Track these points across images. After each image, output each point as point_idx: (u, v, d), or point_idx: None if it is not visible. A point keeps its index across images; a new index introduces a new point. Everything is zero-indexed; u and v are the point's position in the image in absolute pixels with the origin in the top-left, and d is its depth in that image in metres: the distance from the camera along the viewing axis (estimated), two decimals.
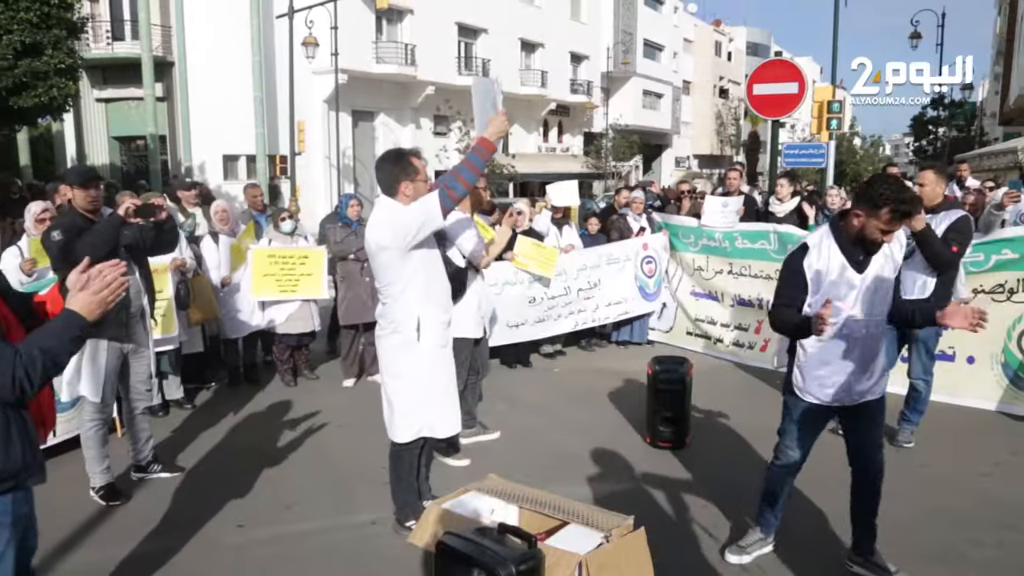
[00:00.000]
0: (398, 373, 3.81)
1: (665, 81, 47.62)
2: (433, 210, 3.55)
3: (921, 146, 38.60)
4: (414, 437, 3.86)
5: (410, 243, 3.60)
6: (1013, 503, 4.32)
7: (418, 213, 3.57)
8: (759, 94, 9.62)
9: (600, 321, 7.94)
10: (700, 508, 4.26)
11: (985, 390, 6.05)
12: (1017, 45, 26.02)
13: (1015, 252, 5.84)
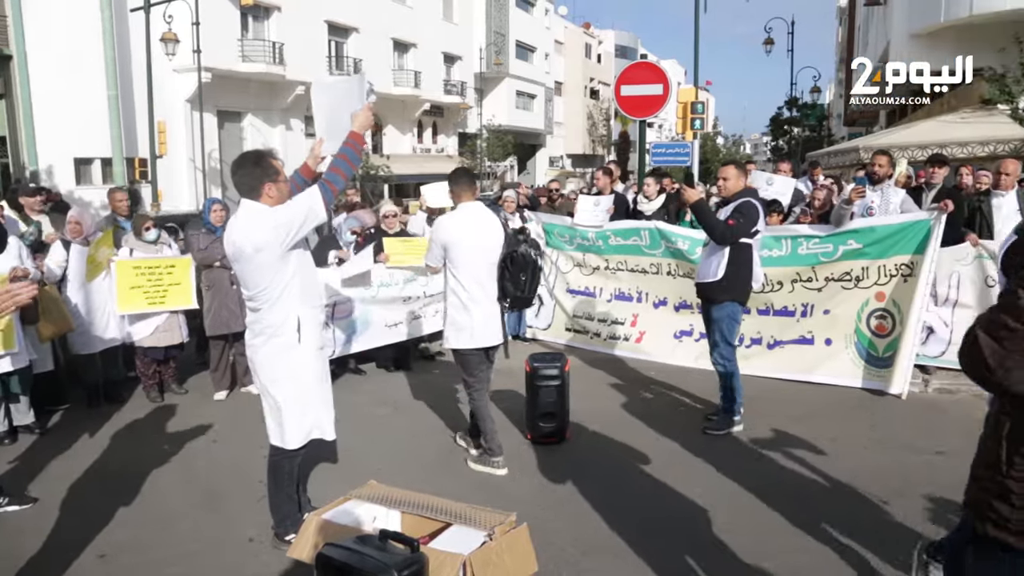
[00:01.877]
0: (280, 378, 3.68)
1: (537, 82, 48.47)
2: (316, 204, 3.53)
3: (777, 144, 41.04)
4: (306, 440, 3.77)
5: (292, 241, 3.52)
6: (880, 472, 4.66)
7: (301, 208, 3.52)
8: (627, 95, 9.94)
9: None
10: (580, 501, 4.36)
11: (844, 369, 6.53)
12: (856, 53, 28.13)
13: (859, 242, 6.34)
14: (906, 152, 10.85)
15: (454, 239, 4.63)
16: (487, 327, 4.71)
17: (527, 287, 4.68)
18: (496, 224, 4.79)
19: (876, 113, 29.62)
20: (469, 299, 4.66)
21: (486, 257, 4.66)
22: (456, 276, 4.69)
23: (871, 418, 5.79)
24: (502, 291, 4.69)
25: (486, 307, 4.68)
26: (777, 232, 6.71)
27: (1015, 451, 1.78)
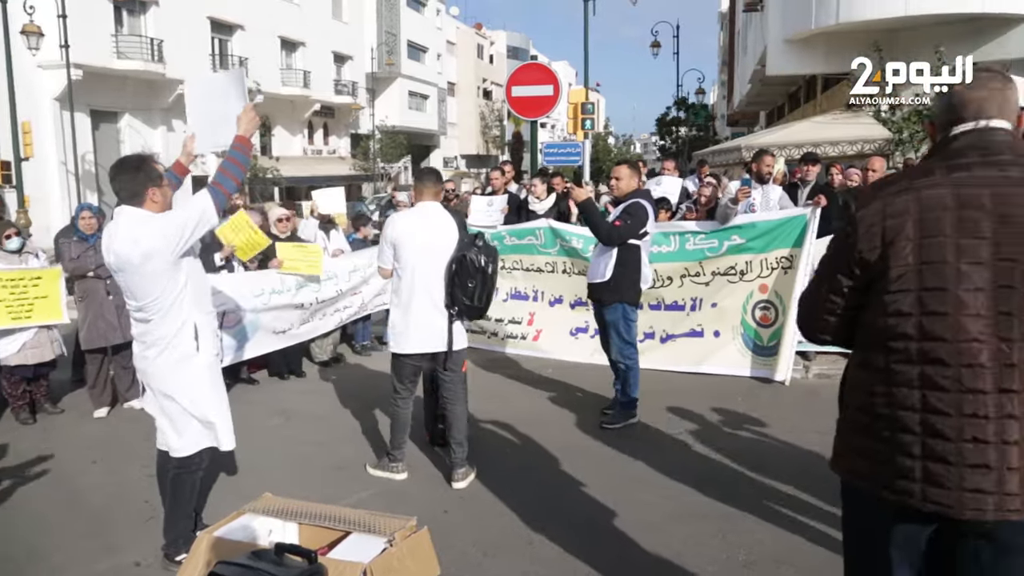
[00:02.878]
0: (179, 389, 3.51)
1: (430, 82, 48.29)
2: (208, 209, 3.39)
3: (665, 144, 42.45)
4: (205, 446, 3.64)
5: (183, 248, 3.37)
6: (760, 455, 4.88)
7: (193, 214, 3.37)
8: (518, 96, 10.04)
9: (361, 314, 7.89)
10: (482, 501, 4.36)
11: (733, 359, 6.83)
12: (737, 57, 29.43)
13: (742, 238, 6.65)
14: (783, 151, 11.43)
15: (403, 238, 4.42)
16: (429, 333, 4.46)
17: (476, 295, 4.37)
18: (451, 227, 4.48)
19: (756, 114, 31.14)
20: (413, 302, 4.44)
21: (436, 259, 4.40)
22: (402, 277, 4.47)
23: (758, 404, 6.06)
24: (451, 297, 4.41)
25: (430, 312, 4.43)
26: (665, 228, 6.94)
27: (845, 374, 2.11)
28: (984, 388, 1.76)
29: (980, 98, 1.90)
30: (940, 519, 1.84)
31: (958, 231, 1.80)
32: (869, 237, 1.88)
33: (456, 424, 4.60)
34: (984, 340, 1.76)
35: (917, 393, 1.82)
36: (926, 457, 1.82)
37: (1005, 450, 1.75)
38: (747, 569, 3.54)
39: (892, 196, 1.89)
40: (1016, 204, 1.77)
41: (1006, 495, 1.75)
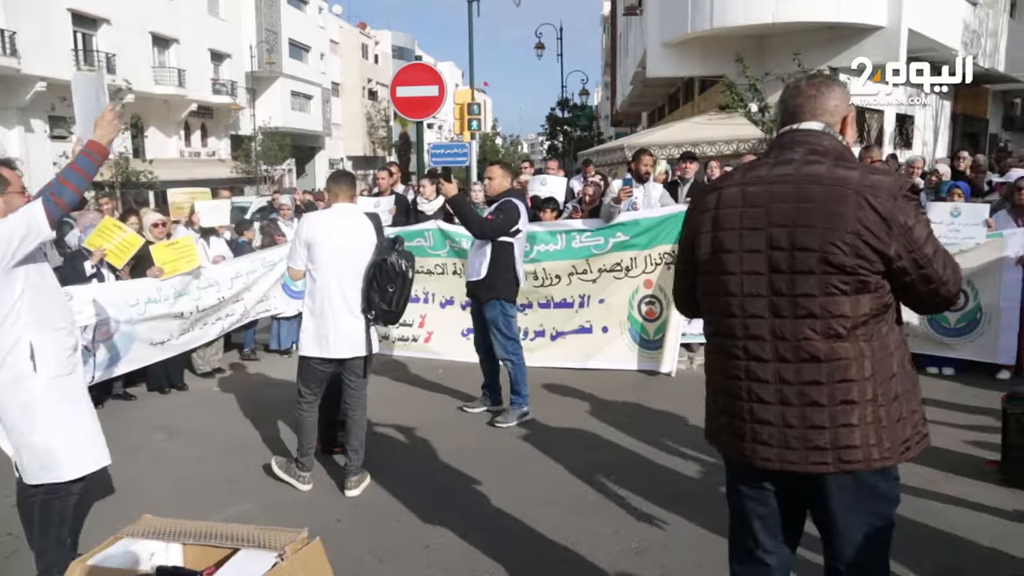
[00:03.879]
0: (15, 414, 3.24)
1: (314, 82, 47.14)
2: (38, 220, 3.10)
3: (553, 144, 43.08)
4: (80, 473, 3.37)
5: (12, 260, 3.09)
6: (650, 447, 5.03)
7: (19, 225, 3.08)
8: (403, 96, 9.95)
9: (245, 320, 7.63)
10: (377, 507, 4.30)
11: (621, 354, 7.02)
12: (619, 59, 30.25)
13: (626, 235, 6.86)
14: (664, 150, 11.84)
15: (319, 238, 4.30)
16: (343, 338, 4.34)
17: (394, 300, 4.30)
18: (369, 229, 4.40)
19: (639, 114, 32.12)
20: (327, 305, 4.31)
21: (352, 262, 4.30)
22: (316, 279, 4.33)
23: (647, 396, 6.25)
24: (367, 302, 4.31)
25: (345, 316, 4.32)
26: (552, 227, 7.08)
27: None
28: (765, 357, 2.04)
29: (797, 104, 2.15)
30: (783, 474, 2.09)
31: (741, 221, 2.07)
32: (688, 227, 2.25)
33: (355, 431, 4.51)
34: (764, 317, 2.04)
35: (731, 362, 2.12)
36: (729, 415, 2.14)
37: (783, 411, 2.02)
38: (640, 556, 3.64)
39: (702, 195, 2.23)
40: (779, 196, 2.02)
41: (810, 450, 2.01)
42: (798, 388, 1.99)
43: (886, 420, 1.98)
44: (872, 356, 1.97)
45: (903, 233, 1.92)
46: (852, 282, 1.94)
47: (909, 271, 1.95)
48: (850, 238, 1.91)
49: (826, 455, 1.98)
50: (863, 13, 13.07)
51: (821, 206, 1.95)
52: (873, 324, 1.98)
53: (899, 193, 1.93)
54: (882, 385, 1.98)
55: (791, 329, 1.99)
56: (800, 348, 1.99)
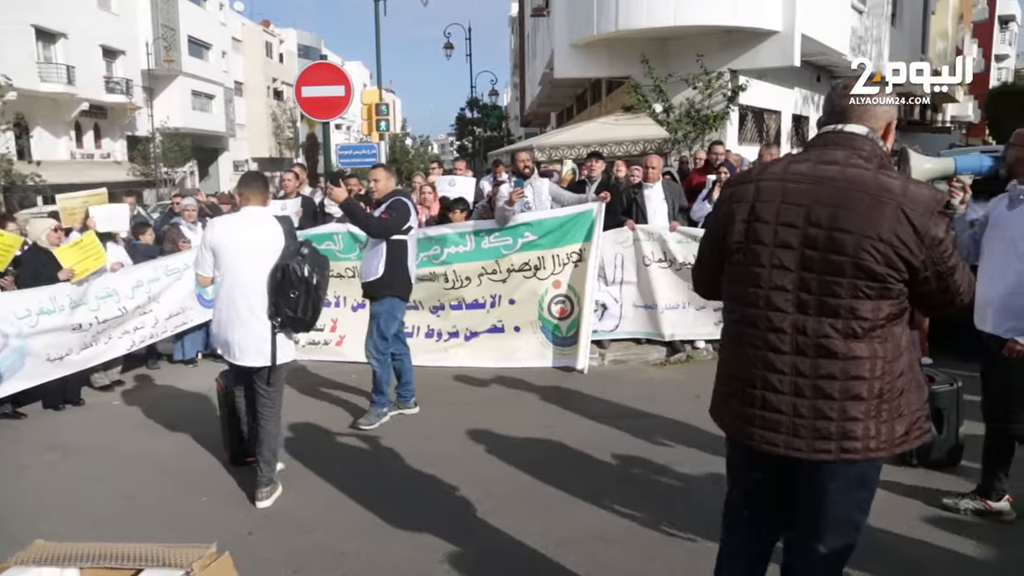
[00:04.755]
0: None
1: (215, 81, 45.56)
2: None
3: (463, 144, 43.04)
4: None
5: None
6: (565, 442, 5.09)
7: None
8: (308, 96, 9.74)
9: (159, 336, 7.35)
10: (289, 516, 4.20)
11: (535, 352, 7.09)
12: (528, 60, 30.46)
13: (534, 234, 6.94)
14: (573, 150, 11.98)
15: (224, 242, 4.21)
16: (249, 346, 4.24)
17: (300, 307, 4.15)
18: (277, 233, 4.26)
19: (548, 115, 32.42)
20: (231, 312, 4.22)
21: (259, 267, 4.18)
22: (223, 285, 4.24)
23: (562, 392, 6.33)
24: (274, 308, 4.18)
25: (249, 323, 4.20)
26: (461, 228, 7.08)
27: None
28: (783, 349, 2.12)
29: (845, 105, 2.19)
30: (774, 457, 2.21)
31: (778, 215, 2.12)
32: (722, 214, 2.27)
33: (266, 440, 4.39)
34: (788, 312, 2.11)
35: (749, 351, 2.19)
36: (741, 402, 2.23)
37: (795, 402, 2.12)
38: (563, 547, 3.68)
39: (738, 184, 2.26)
40: (820, 196, 2.06)
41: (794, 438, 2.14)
42: (813, 381, 2.09)
43: (887, 415, 2.09)
44: (884, 356, 2.07)
45: (933, 247, 2.00)
46: (878, 288, 2.02)
47: (932, 281, 2.04)
48: (884, 247, 1.98)
49: (830, 444, 2.09)
50: (759, 18, 13.57)
51: (861, 213, 2.00)
52: (889, 327, 2.07)
53: (936, 208, 2.00)
54: (889, 383, 2.09)
55: (813, 326, 2.07)
56: (820, 345, 2.07)
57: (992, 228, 3.75)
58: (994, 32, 56.00)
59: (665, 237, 7.05)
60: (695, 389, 6.21)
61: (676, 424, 5.42)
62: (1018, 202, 3.63)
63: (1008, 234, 3.62)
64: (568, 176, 9.32)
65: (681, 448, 4.94)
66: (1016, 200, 3.64)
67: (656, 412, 5.72)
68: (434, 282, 7.14)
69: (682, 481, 4.43)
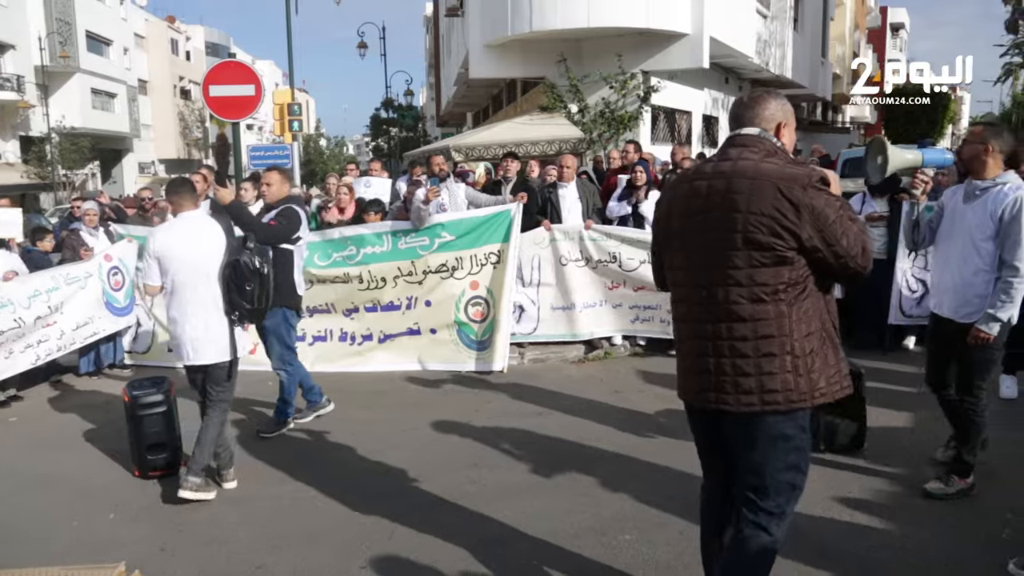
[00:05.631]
0: None
1: (117, 79, 43.60)
2: None
3: (378, 144, 42.61)
4: None
5: None
6: (486, 445, 5.11)
7: None
8: (216, 96, 9.41)
9: (68, 348, 6.96)
10: (202, 530, 4.07)
11: (452, 355, 7.05)
12: (443, 60, 30.36)
13: (451, 234, 6.92)
14: (489, 150, 12.01)
15: (169, 250, 4.33)
16: (208, 343, 4.37)
17: (256, 298, 4.35)
18: (218, 233, 4.44)
19: (464, 115, 32.41)
20: (187, 314, 4.34)
21: (208, 268, 4.34)
22: (176, 291, 4.36)
23: (480, 395, 6.34)
24: (229, 304, 4.35)
25: (207, 322, 4.35)
26: (378, 229, 7.00)
27: None
28: (703, 319, 2.47)
29: (738, 113, 2.56)
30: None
31: (687, 209, 2.50)
32: (658, 215, 2.70)
33: (207, 433, 4.48)
34: (705, 285, 2.45)
35: (685, 326, 2.58)
36: (683, 370, 2.59)
37: (719, 362, 2.42)
38: (477, 552, 3.67)
39: (668, 188, 2.70)
40: (715, 188, 2.41)
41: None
42: (729, 343, 2.40)
43: (803, 370, 2.38)
44: (790, 317, 2.36)
45: (813, 216, 2.29)
46: (771, 256, 2.33)
47: (820, 248, 2.32)
48: (767, 220, 2.30)
49: (753, 397, 2.38)
50: (669, 21, 13.92)
51: (745, 195, 2.34)
52: (792, 291, 2.36)
53: (807, 183, 2.31)
54: (799, 341, 2.37)
55: (723, 295, 2.40)
56: (730, 310, 2.39)
57: (949, 220, 4.03)
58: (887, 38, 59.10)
59: (581, 236, 7.13)
60: (614, 385, 6.34)
61: (597, 419, 5.51)
62: (974, 196, 3.89)
63: (965, 226, 3.89)
64: (483, 179, 9.34)
65: (602, 443, 5.03)
66: (972, 194, 3.90)
67: (576, 408, 5.80)
68: (348, 284, 7.01)
69: (605, 474, 4.51)
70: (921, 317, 7.16)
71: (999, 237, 3.75)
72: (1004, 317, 3.75)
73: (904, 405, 5.57)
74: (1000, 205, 3.74)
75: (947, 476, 4.13)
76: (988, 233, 3.78)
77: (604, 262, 7.12)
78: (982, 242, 3.80)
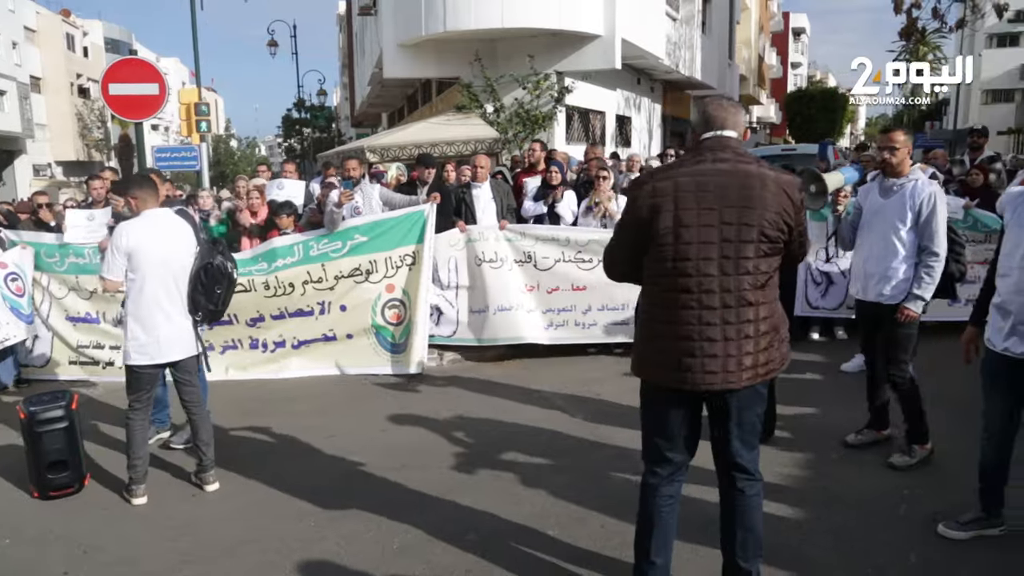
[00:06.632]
0: None
1: (6, 75, 41.12)
2: None
3: (291, 145, 41.61)
4: None
5: None
6: (404, 447, 5.06)
7: None
8: (117, 94, 9.01)
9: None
10: (106, 549, 3.88)
11: (369, 359, 6.94)
12: (357, 59, 29.91)
13: (364, 236, 6.81)
14: (404, 151, 11.89)
15: (141, 247, 4.27)
16: (174, 341, 4.40)
17: (221, 300, 4.48)
18: (188, 232, 4.50)
19: (379, 115, 32.02)
20: (156, 312, 4.32)
21: (177, 266, 4.38)
22: (140, 288, 4.31)
23: (399, 397, 6.28)
24: (193, 304, 4.41)
25: (175, 319, 4.38)
26: (288, 241, 6.83)
27: (637, 305, 2.97)
28: (714, 306, 2.67)
29: (722, 116, 2.78)
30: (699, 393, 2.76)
31: (698, 203, 2.65)
32: (643, 207, 2.72)
33: (203, 426, 4.59)
34: (715, 275, 2.66)
35: (684, 312, 2.69)
36: (681, 354, 2.71)
37: (726, 345, 2.67)
38: (401, 555, 3.65)
39: (652, 183, 2.74)
40: (725, 185, 2.65)
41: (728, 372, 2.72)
42: (737, 327, 2.67)
43: (778, 342, 2.80)
44: (772, 299, 2.77)
45: (800, 212, 2.74)
46: (773, 248, 2.69)
47: (796, 239, 2.77)
48: (775, 217, 2.66)
49: (755, 371, 2.72)
50: (582, 23, 14.08)
51: (757, 194, 2.64)
52: (775, 276, 2.76)
53: (799, 186, 2.76)
54: (778, 318, 2.80)
55: (734, 283, 2.66)
56: (741, 297, 2.67)
57: (869, 214, 4.47)
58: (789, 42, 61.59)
59: (496, 236, 7.11)
60: (534, 384, 6.38)
61: (516, 419, 5.53)
62: (891, 192, 4.34)
63: (885, 218, 4.33)
64: (394, 180, 9.25)
65: (521, 442, 5.05)
66: (889, 190, 4.35)
67: (496, 408, 5.81)
68: (250, 292, 6.70)
69: (525, 472, 4.53)
70: (826, 309, 7.50)
71: (919, 227, 4.22)
72: (927, 296, 4.25)
73: (811, 393, 5.82)
74: (918, 199, 4.21)
75: (908, 447, 4.47)
76: (908, 224, 4.23)
77: (519, 262, 7.13)
78: (902, 232, 4.25)
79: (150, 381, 4.51)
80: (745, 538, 2.93)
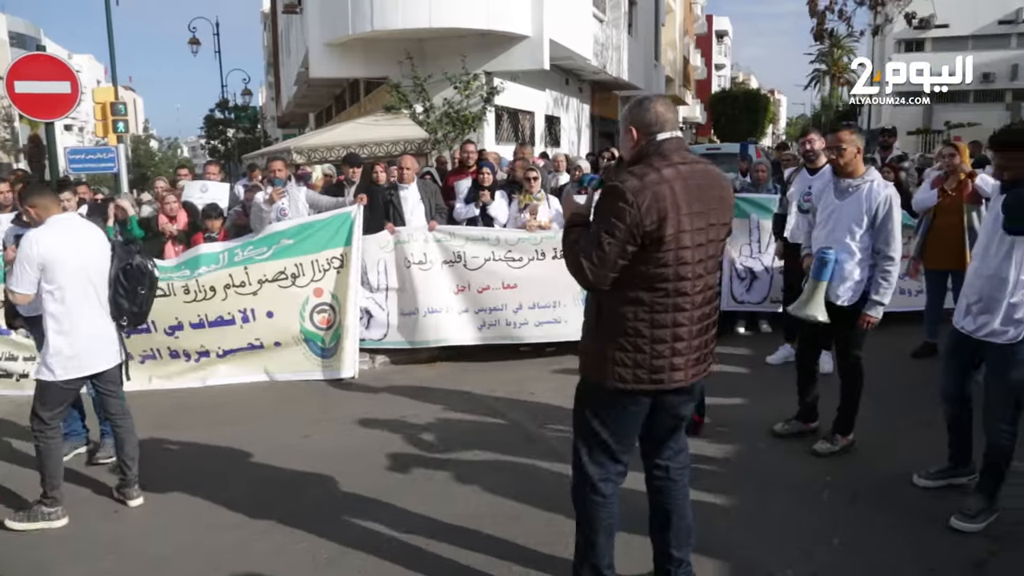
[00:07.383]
0: None
1: None
2: None
3: (215, 146, 40.50)
4: None
5: None
6: (334, 452, 4.96)
7: None
8: (23, 93, 8.59)
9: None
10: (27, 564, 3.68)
11: (300, 365, 6.80)
12: (282, 58, 29.31)
13: (291, 239, 6.66)
14: (332, 151, 11.70)
15: (56, 257, 4.03)
16: (98, 352, 4.24)
17: (144, 301, 4.38)
18: (100, 236, 4.32)
19: (306, 115, 31.46)
20: (80, 322, 4.12)
21: (96, 272, 4.20)
22: (58, 299, 4.08)
23: (331, 403, 6.17)
24: (116, 309, 4.26)
25: (100, 328, 4.23)
26: (216, 249, 6.62)
27: (601, 312, 2.79)
28: (699, 304, 2.75)
29: (670, 118, 2.76)
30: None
31: (690, 207, 2.65)
32: (648, 214, 2.56)
33: (129, 439, 4.44)
34: (703, 275, 2.73)
35: (678, 315, 2.70)
36: (673, 355, 2.72)
37: (702, 340, 2.79)
38: (331, 565, 3.58)
39: (655, 187, 2.60)
40: (706, 187, 2.70)
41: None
42: (706, 323, 2.80)
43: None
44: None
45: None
46: (725, 242, 2.89)
47: None
48: (730, 213, 2.87)
49: (709, 362, 2.88)
50: (510, 23, 14.12)
51: (727, 193, 2.82)
52: None
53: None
54: None
55: (710, 280, 2.78)
56: (712, 294, 2.80)
57: (825, 213, 4.49)
58: (712, 44, 63.13)
59: (425, 238, 7.04)
60: (467, 385, 6.35)
61: (449, 420, 5.52)
62: (847, 192, 4.36)
63: (841, 219, 4.35)
64: (321, 180, 9.09)
65: (455, 442, 5.03)
66: (845, 191, 4.37)
67: (428, 410, 5.77)
68: (169, 297, 6.39)
69: (459, 472, 4.51)
70: (751, 303, 7.70)
71: (874, 230, 4.26)
72: (886, 301, 4.30)
73: (738, 385, 5.97)
74: (874, 202, 4.24)
75: (832, 436, 4.60)
76: (864, 226, 4.26)
77: (449, 263, 7.07)
78: (858, 234, 4.28)
79: (71, 395, 4.33)
80: (679, 527, 3.01)
